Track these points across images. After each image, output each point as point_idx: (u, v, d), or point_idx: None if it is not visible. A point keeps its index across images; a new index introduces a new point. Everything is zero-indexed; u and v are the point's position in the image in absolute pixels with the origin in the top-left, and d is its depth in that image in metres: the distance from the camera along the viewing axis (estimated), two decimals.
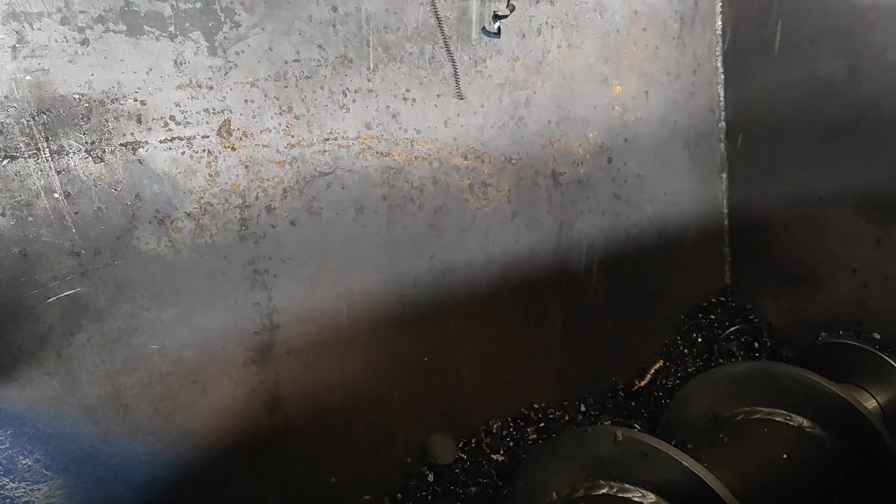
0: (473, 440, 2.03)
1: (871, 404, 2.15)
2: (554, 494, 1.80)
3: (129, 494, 1.58)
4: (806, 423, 2.00)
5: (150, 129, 1.54)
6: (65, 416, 1.50)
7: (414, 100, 1.86)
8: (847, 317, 2.26)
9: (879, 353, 2.16)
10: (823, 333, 2.32)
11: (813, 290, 2.34)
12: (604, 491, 1.73)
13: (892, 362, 2.13)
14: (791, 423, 2.00)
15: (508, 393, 2.12)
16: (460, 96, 1.92)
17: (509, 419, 2.11)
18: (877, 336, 2.19)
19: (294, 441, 1.78)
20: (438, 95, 1.89)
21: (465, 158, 1.96)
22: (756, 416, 2.04)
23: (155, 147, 1.55)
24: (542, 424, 2.11)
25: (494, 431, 2.07)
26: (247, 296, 1.68)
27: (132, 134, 1.52)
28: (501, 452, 2.03)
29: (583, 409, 2.21)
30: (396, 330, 1.91)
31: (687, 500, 1.66)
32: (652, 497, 1.69)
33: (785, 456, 1.95)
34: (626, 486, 1.72)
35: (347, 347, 1.84)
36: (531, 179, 2.08)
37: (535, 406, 2.17)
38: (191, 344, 1.62)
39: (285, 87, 1.68)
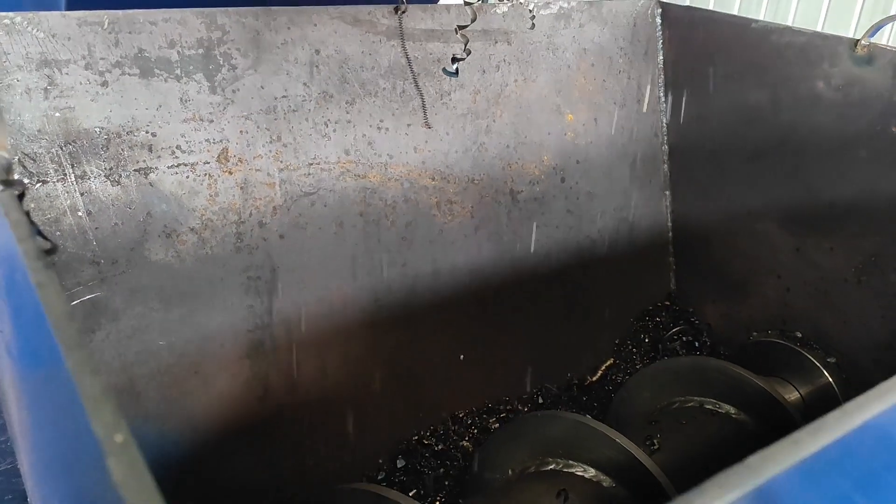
0: (441, 428, 2.30)
1: (793, 396, 2.44)
2: (509, 471, 2.07)
3: None
4: (732, 410, 2.28)
5: (159, 156, 1.80)
6: None
7: (387, 129, 2.14)
8: (773, 318, 2.55)
9: (800, 350, 2.44)
10: (754, 333, 2.61)
11: (745, 294, 2.63)
12: (551, 467, 2.00)
13: (812, 358, 2.42)
14: (719, 411, 2.28)
15: (473, 387, 2.39)
16: (428, 125, 2.20)
17: (474, 409, 2.38)
18: (798, 334, 2.48)
19: (281, 428, 2.04)
20: (409, 125, 2.17)
21: (433, 179, 2.24)
22: (689, 405, 2.32)
23: (163, 172, 1.81)
24: (503, 415, 2.38)
25: (460, 420, 2.33)
26: (242, 299, 1.95)
27: (144, 161, 1.78)
28: (466, 439, 2.30)
29: (540, 401, 2.48)
30: (372, 330, 2.18)
31: (622, 474, 1.93)
32: (592, 471, 1.96)
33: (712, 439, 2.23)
34: (571, 462, 1.99)
35: (329, 345, 2.10)
36: (492, 197, 2.36)
37: (497, 399, 2.44)
38: (194, 340, 1.88)
39: (275, 119, 1.95)
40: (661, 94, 2.71)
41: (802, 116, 2.37)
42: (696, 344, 2.71)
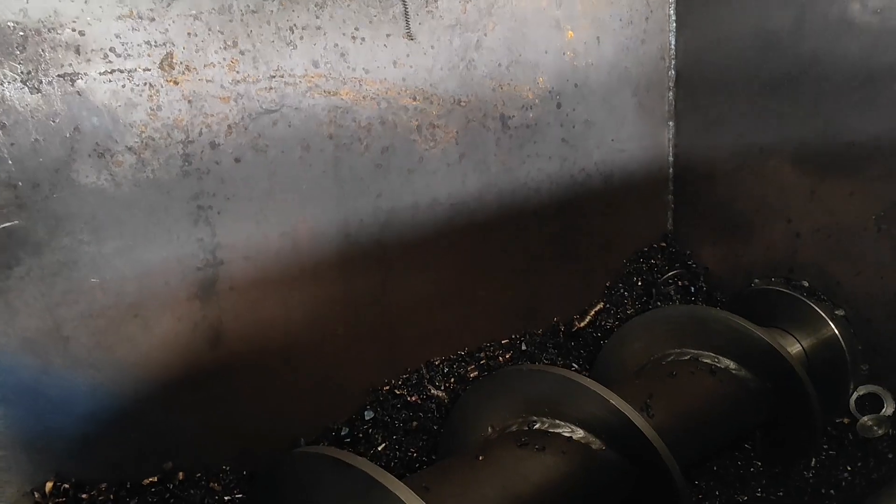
0: (415, 376, 2.09)
1: (795, 349, 2.27)
2: (489, 429, 1.88)
3: (70, 426, 1.60)
4: (732, 364, 2.10)
5: (89, 60, 1.50)
6: (2, 347, 1.51)
7: (363, 39, 1.85)
8: (779, 265, 2.35)
9: (806, 300, 2.26)
10: (756, 280, 2.42)
11: (748, 238, 2.43)
12: (536, 426, 1.81)
13: (818, 309, 2.24)
14: (718, 365, 2.10)
15: (451, 332, 2.18)
16: (410, 37, 1.91)
17: (451, 356, 2.17)
18: (805, 284, 2.29)
19: (237, 376, 1.82)
20: (388, 35, 1.88)
21: (414, 99, 1.96)
22: (685, 358, 2.13)
23: (94, 79, 1.52)
24: (483, 362, 2.18)
25: (436, 368, 2.13)
26: (190, 231, 1.69)
27: (70, 65, 1.49)
28: (442, 389, 2.10)
29: (523, 348, 2.28)
30: (341, 269, 1.94)
31: (613, 434, 1.74)
32: (581, 432, 1.78)
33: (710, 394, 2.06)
34: (558, 421, 1.80)
35: (291, 285, 1.86)
36: (479, 122, 2.09)
37: (477, 345, 2.23)
38: (132, 278, 1.63)
39: (230, 20, 1.65)
40: (672, 13, 2.43)
41: (829, 43, 2.11)
42: (693, 289, 2.52)
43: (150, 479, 1.69)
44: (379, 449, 1.96)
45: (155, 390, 1.70)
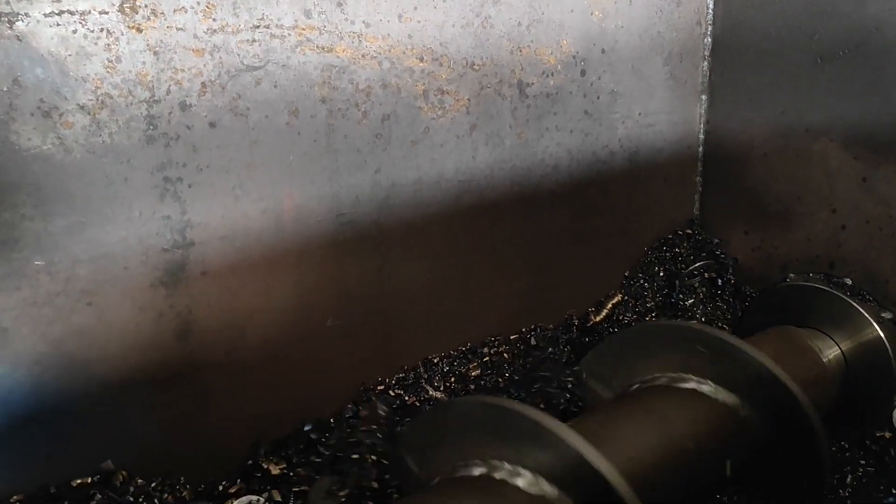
0: (412, 374, 1.86)
1: (833, 352, 2.04)
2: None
3: (9, 428, 1.37)
4: (722, 391, 1.78)
5: None
6: None
7: None
8: (819, 259, 2.12)
9: (849, 300, 2.02)
10: (792, 274, 2.19)
11: (786, 227, 2.19)
12: (495, 475, 1.47)
13: (862, 310, 2.00)
14: (704, 391, 1.77)
15: (454, 324, 1.94)
16: None
17: (452, 352, 1.94)
18: (848, 282, 2.06)
19: (208, 373, 1.58)
20: None
21: (421, 60, 1.70)
22: (668, 384, 1.80)
23: (38, 21, 1.26)
24: (486, 359, 1.95)
25: (434, 366, 1.90)
26: (155, 207, 1.44)
27: (7, 3, 1.23)
28: (441, 389, 1.87)
29: (533, 342, 2.05)
30: (332, 252, 1.69)
31: (570, 481, 1.41)
32: (528, 477, 1.43)
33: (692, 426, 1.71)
34: (518, 469, 1.45)
35: (274, 270, 1.62)
36: (494, 89, 1.84)
37: (480, 339, 2.00)
38: (84, 260, 1.38)
39: None
40: None
41: (895, 12, 1.85)
42: (720, 282, 2.28)
43: (81, 481, 1.45)
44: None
45: (110, 389, 1.47)
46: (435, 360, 1.90)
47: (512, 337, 2.05)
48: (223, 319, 1.58)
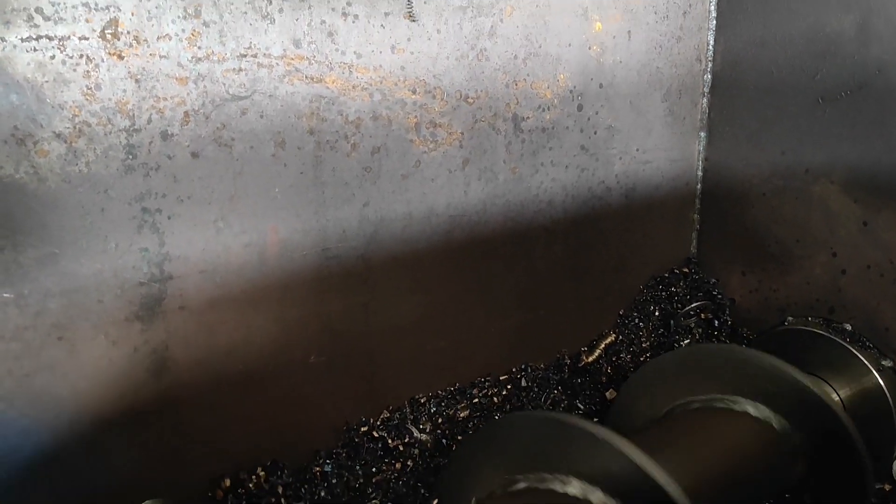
0: (397, 415, 1.80)
1: (832, 399, 1.98)
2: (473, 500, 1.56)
3: None
4: (771, 414, 1.80)
5: (7, 21, 1.20)
6: None
7: (356, 16, 1.54)
8: (818, 303, 2.07)
9: (849, 346, 1.97)
10: (790, 318, 2.13)
11: (785, 269, 2.14)
12: (546, 486, 1.50)
13: (862, 357, 1.95)
14: (754, 414, 1.80)
15: (441, 363, 1.88)
16: (412, 17, 1.60)
17: (440, 392, 1.88)
18: (848, 327, 2.01)
19: (185, 410, 1.52)
20: (386, 14, 1.58)
21: (414, 92, 1.66)
22: (718, 405, 1.83)
23: (14, 46, 1.21)
24: (476, 401, 1.89)
25: (421, 406, 1.84)
26: (131, 239, 1.38)
27: None
28: (427, 431, 1.81)
29: (523, 384, 1.99)
30: (316, 287, 1.64)
31: (632, 495, 1.43)
32: (597, 494, 1.46)
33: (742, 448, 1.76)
34: (571, 479, 1.48)
35: (256, 305, 1.56)
36: (489, 123, 1.79)
37: (469, 379, 1.94)
38: (56, 293, 1.33)
39: None
40: (712, 8, 2.13)
41: None
42: (716, 323, 2.23)
43: None
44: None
45: (81, 428, 1.40)
46: (422, 401, 1.84)
47: (502, 377, 1.99)
48: (201, 356, 1.52)
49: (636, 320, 2.21)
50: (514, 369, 2.01)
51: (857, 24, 1.87)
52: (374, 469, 1.69)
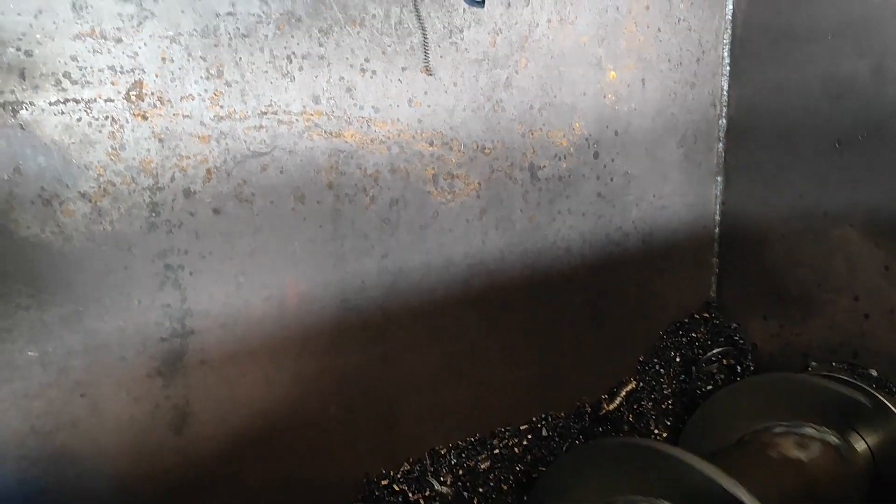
0: (417, 467, 1.78)
1: (859, 446, 1.95)
2: None
3: None
4: (831, 436, 1.79)
5: (36, 87, 1.23)
6: None
7: (374, 72, 1.57)
8: (842, 348, 2.04)
9: (874, 392, 1.94)
10: (814, 363, 2.10)
11: (807, 314, 2.12)
12: None
13: (888, 403, 1.92)
14: (829, 440, 1.78)
15: (461, 414, 1.87)
16: (429, 71, 1.63)
17: (460, 443, 1.86)
18: (873, 373, 1.98)
19: (206, 465, 1.52)
20: (403, 69, 1.60)
21: (431, 144, 1.68)
22: (793, 431, 1.82)
23: (43, 110, 1.24)
24: (496, 452, 1.87)
25: (442, 458, 1.82)
26: (154, 295, 1.40)
27: (12, 92, 1.21)
28: (448, 484, 1.79)
29: (544, 433, 1.97)
30: (335, 338, 1.64)
31: None
32: None
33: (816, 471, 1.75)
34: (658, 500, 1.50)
35: (276, 358, 1.57)
36: (505, 172, 1.81)
37: (489, 429, 1.92)
38: (80, 351, 1.34)
39: (215, 45, 1.38)
40: (726, 54, 2.15)
41: None
42: (739, 368, 2.20)
43: None
44: None
45: (103, 485, 1.40)
46: (442, 452, 1.83)
47: (522, 427, 1.97)
48: (221, 410, 1.52)
49: (657, 367, 2.19)
50: (534, 418, 1.99)
51: (872, 68, 1.88)
52: None
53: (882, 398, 1.93)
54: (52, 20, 1.23)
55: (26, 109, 1.23)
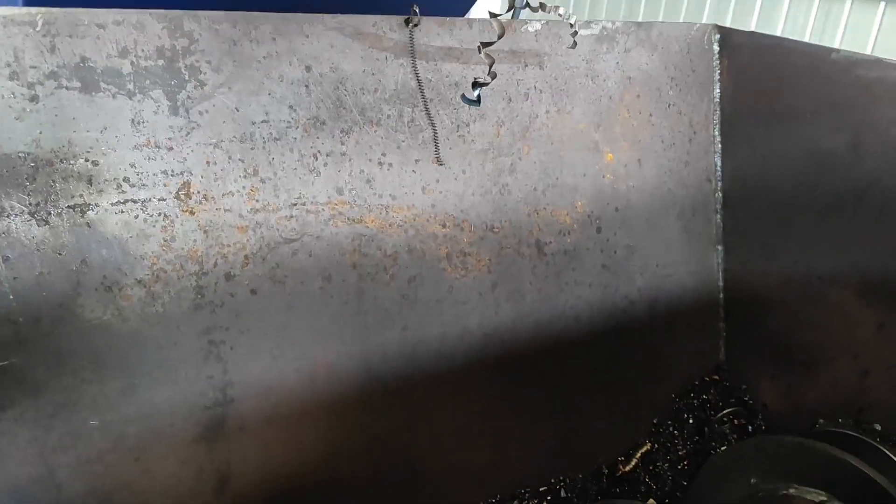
0: None
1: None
2: None
3: None
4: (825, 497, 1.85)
5: (101, 190, 1.45)
6: None
7: (390, 164, 1.77)
8: (846, 404, 2.13)
9: (879, 446, 2.01)
10: (821, 420, 2.19)
11: (811, 373, 2.21)
12: None
13: (893, 457, 1.99)
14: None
15: (481, 476, 1.99)
16: (440, 162, 1.83)
17: None
18: (878, 427, 2.06)
19: None
20: (417, 160, 1.81)
21: (444, 226, 1.86)
22: (787, 493, 1.89)
23: (106, 210, 1.46)
24: None
25: None
26: (199, 368, 1.58)
27: (81, 196, 1.43)
28: None
29: (563, 495, 2.07)
30: (361, 405, 1.79)
31: None
32: None
33: None
34: None
35: (307, 423, 1.72)
36: (514, 249, 1.98)
37: (510, 491, 2.03)
38: (134, 419, 1.51)
39: (251, 148, 1.60)
40: (717, 133, 2.33)
41: (891, 165, 1.97)
42: (750, 428, 2.29)
43: None
44: None
45: None
46: None
47: (541, 489, 2.08)
48: (258, 472, 1.67)
49: (671, 429, 2.29)
50: (552, 479, 2.10)
51: (848, 143, 2.04)
52: None
53: (886, 451, 2.01)
54: (115, 134, 1.46)
55: (92, 210, 1.44)
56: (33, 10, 1.35)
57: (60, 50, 1.38)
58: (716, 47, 2.28)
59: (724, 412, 2.30)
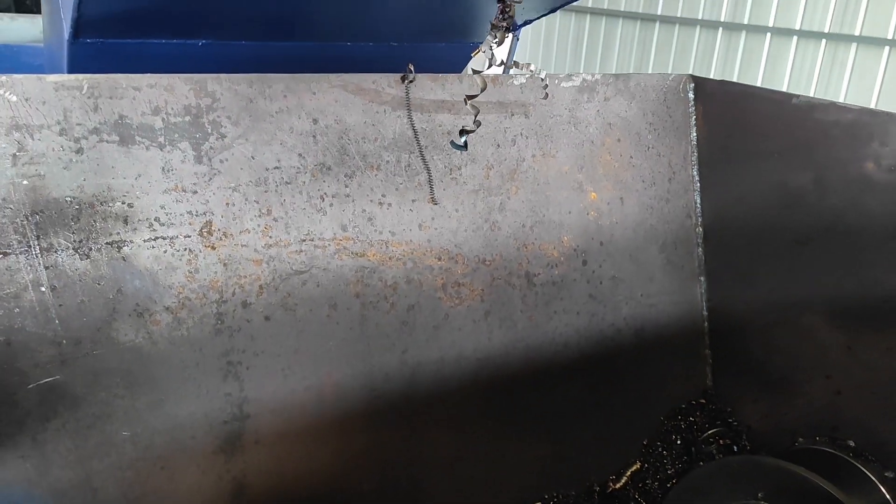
0: None
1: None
2: None
3: None
4: None
5: (135, 229, 1.67)
6: (36, 498, 1.58)
7: (390, 204, 1.98)
8: (822, 423, 2.27)
9: (853, 461, 2.15)
10: (801, 439, 2.32)
11: (789, 395, 2.36)
12: None
13: (866, 470, 2.12)
14: None
15: (479, 492, 2.15)
16: (434, 201, 2.04)
17: None
18: (851, 444, 2.19)
19: None
20: (413, 200, 2.01)
21: (439, 259, 2.06)
22: None
23: (139, 245, 1.67)
24: None
25: None
26: (219, 386, 1.77)
27: (118, 233, 1.65)
28: None
29: None
30: (366, 423, 1.97)
31: None
32: None
33: None
34: None
35: (316, 439, 1.90)
36: (505, 280, 2.17)
37: None
38: (161, 431, 1.71)
39: (265, 191, 1.81)
40: (695, 173, 2.52)
41: (851, 200, 2.14)
42: (735, 448, 2.43)
43: None
44: None
45: None
46: None
47: None
48: (272, 483, 1.85)
49: (660, 449, 2.44)
50: (546, 496, 2.25)
51: (814, 180, 2.22)
52: None
53: (859, 466, 2.14)
54: (148, 180, 1.68)
55: (127, 246, 1.66)
56: (80, 76, 1.59)
57: (102, 109, 1.62)
58: (691, 95, 2.48)
59: (709, 433, 2.44)
